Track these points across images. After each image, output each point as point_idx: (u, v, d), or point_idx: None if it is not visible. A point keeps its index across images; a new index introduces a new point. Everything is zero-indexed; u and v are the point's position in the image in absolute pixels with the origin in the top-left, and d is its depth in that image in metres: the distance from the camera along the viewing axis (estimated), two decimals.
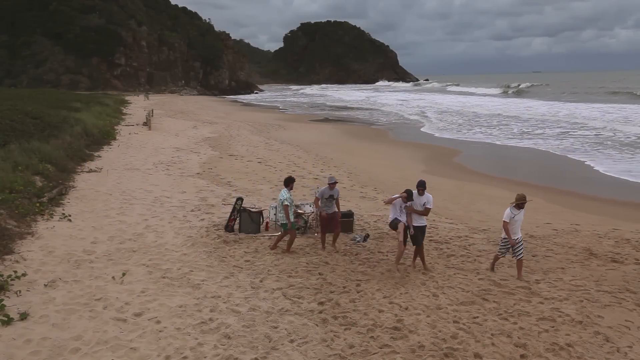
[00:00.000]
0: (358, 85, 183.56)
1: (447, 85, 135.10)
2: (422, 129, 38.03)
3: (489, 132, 35.65)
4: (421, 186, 9.52)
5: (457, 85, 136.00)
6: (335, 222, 10.77)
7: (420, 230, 9.70)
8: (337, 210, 10.87)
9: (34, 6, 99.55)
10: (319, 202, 10.77)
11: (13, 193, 12.30)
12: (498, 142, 30.23)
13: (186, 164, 20.84)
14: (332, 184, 10.62)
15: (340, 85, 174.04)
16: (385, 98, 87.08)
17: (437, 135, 34.19)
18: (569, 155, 24.91)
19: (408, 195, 9.54)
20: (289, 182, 10.70)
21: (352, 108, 66.15)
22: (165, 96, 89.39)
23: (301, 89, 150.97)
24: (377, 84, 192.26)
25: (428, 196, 9.59)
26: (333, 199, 10.71)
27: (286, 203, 10.36)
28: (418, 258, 9.87)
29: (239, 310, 7.74)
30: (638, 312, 8.00)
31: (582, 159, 23.74)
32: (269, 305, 7.96)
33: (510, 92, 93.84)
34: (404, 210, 9.61)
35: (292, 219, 10.47)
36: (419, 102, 73.73)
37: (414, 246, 9.78)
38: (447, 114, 50.99)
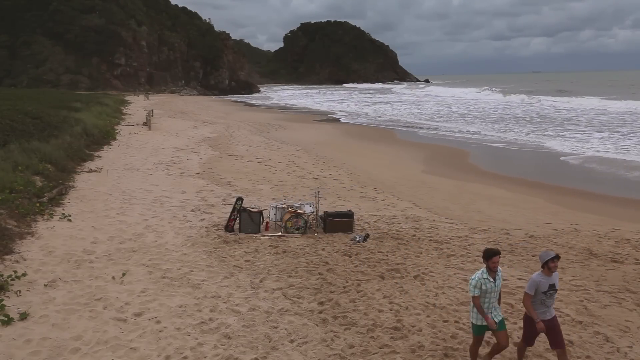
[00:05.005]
0: (353, 86, 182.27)
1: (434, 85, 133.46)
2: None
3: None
4: None
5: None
6: (557, 335, 6.15)
7: None
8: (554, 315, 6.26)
9: (34, 6, 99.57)
10: (530, 300, 6.08)
11: (13, 193, 12.32)
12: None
13: (186, 164, 20.84)
14: (552, 262, 6.00)
15: (325, 86, 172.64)
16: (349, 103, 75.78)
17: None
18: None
19: None
20: (488, 257, 6.05)
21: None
22: (165, 96, 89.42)
23: (272, 89, 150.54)
24: (344, 85, 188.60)
25: None
26: (554, 291, 6.15)
27: (475, 293, 6.05)
28: None
29: (239, 310, 7.74)
30: (638, 312, 8.00)
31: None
32: (269, 305, 7.97)
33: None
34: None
35: (493, 318, 6.09)
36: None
37: None
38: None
